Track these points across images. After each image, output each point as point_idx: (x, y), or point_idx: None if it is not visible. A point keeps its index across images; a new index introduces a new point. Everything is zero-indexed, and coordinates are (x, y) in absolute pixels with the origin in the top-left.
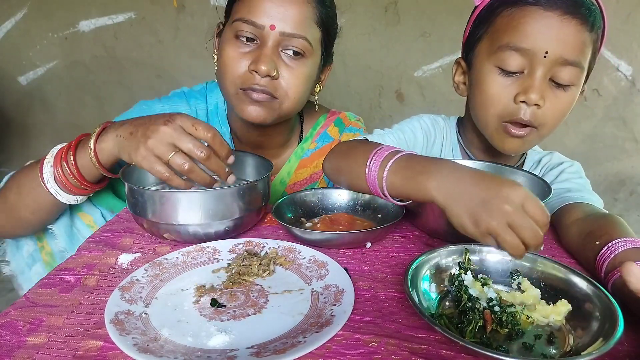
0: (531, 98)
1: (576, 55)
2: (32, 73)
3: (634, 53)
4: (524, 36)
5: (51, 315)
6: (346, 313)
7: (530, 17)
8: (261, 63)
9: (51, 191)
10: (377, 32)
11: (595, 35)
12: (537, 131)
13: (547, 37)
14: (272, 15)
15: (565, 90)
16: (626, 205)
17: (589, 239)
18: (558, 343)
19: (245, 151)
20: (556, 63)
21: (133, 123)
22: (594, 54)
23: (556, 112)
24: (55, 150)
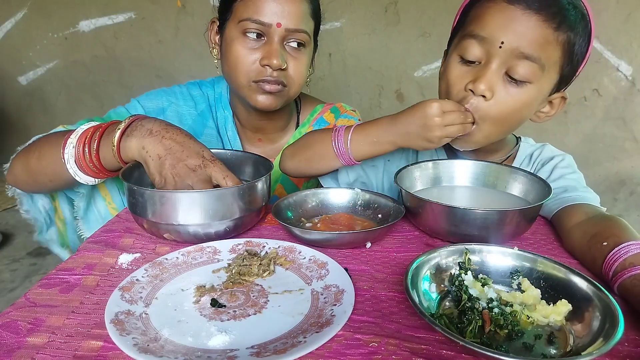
0: (478, 87)
1: (534, 50)
2: (32, 73)
3: (634, 53)
4: (484, 24)
5: (51, 315)
6: (346, 313)
7: (493, 8)
8: (273, 58)
9: (70, 171)
10: (377, 32)
11: (566, 36)
12: (478, 127)
13: (505, 28)
14: (277, 14)
15: (519, 86)
16: (626, 205)
17: (595, 240)
18: (558, 343)
19: (245, 151)
20: (512, 55)
21: (164, 143)
22: (570, 55)
23: (504, 108)
24: (80, 131)
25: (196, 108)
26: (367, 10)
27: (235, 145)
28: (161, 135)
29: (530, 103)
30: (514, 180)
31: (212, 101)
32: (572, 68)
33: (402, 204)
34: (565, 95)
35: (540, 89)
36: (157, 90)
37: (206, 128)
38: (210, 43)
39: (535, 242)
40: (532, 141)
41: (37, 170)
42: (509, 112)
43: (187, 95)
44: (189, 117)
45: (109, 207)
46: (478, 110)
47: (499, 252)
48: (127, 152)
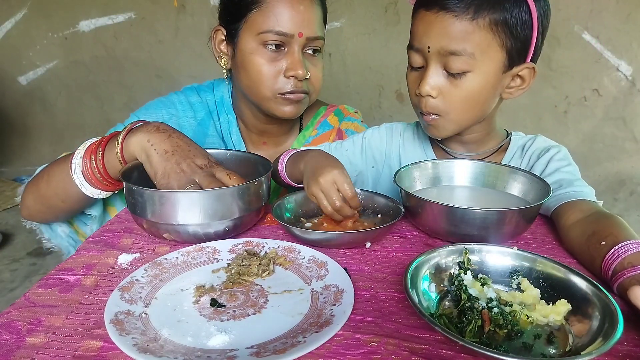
0: (422, 90)
1: (456, 45)
2: (32, 73)
3: (634, 53)
4: (414, 35)
5: (51, 315)
6: (346, 313)
7: (417, 19)
8: (299, 69)
9: (76, 182)
10: (377, 32)
11: (487, 20)
12: (442, 118)
13: (427, 33)
14: (297, 24)
15: (460, 78)
16: (626, 205)
17: (594, 239)
18: (558, 343)
19: (245, 152)
20: (440, 55)
21: (172, 141)
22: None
23: (455, 99)
24: (89, 142)
25: (195, 117)
26: (367, 10)
27: (240, 149)
28: (168, 133)
29: (481, 87)
30: (514, 180)
31: (212, 107)
32: (520, 39)
33: (401, 204)
34: (530, 66)
35: (485, 72)
36: (155, 101)
37: (207, 137)
38: (215, 52)
39: (535, 241)
40: (523, 134)
41: (48, 194)
42: (463, 101)
43: (185, 104)
44: (189, 129)
45: None
46: (434, 108)
47: (499, 251)
48: (130, 147)
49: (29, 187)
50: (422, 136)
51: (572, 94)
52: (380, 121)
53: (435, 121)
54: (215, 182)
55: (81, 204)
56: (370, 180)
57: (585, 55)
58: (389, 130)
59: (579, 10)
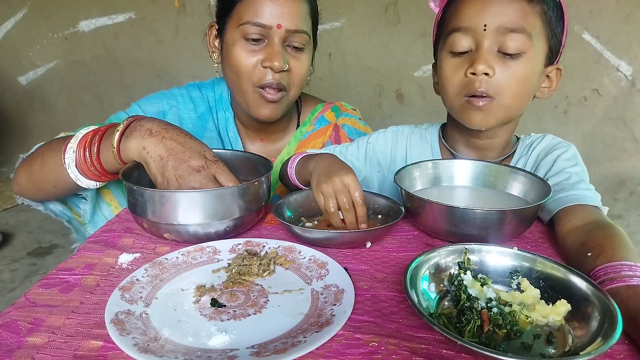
0: (478, 68)
1: (516, 22)
2: (32, 73)
3: (634, 53)
4: (463, 16)
5: (51, 315)
6: (346, 313)
7: (463, 1)
8: (275, 60)
9: (71, 176)
10: (377, 32)
11: (539, 7)
12: (495, 101)
13: (483, 12)
14: (276, 15)
15: (516, 59)
16: (626, 205)
17: (583, 249)
18: (557, 343)
19: (245, 151)
20: (498, 33)
21: (165, 144)
22: (549, 27)
23: (510, 80)
24: (80, 135)
25: (196, 111)
26: (367, 10)
27: (236, 146)
28: (161, 135)
29: (532, 74)
30: (514, 180)
31: (212, 103)
32: (556, 39)
33: (401, 204)
34: (559, 67)
35: (536, 58)
36: (157, 93)
37: (206, 131)
38: (209, 47)
39: (535, 242)
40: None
41: (40, 178)
42: (517, 84)
43: (187, 98)
44: (189, 121)
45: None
46: (489, 87)
47: (498, 252)
48: (127, 153)
49: (23, 165)
50: (430, 140)
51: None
52: (380, 121)
53: (487, 105)
54: (215, 184)
55: (73, 190)
56: (375, 184)
57: (585, 55)
58: (395, 134)
59: (579, 10)
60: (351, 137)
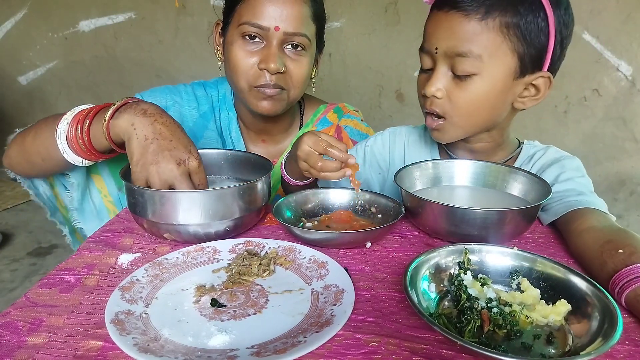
0: (428, 91)
1: (463, 46)
2: (32, 73)
3: (634, 53)
4: (425, 36)
5: (51, 315)
6: (346, 313)
7: (428, 20)
8: (270, 62)
9: (59, 147)
10: (377, 32)
11: (498, 21)
12: (447, 121)
13: (436, 34)
14: (275, 17)
15: (467, 80)
16: (626, 205)
17: (609, 246)
18: (557, 343)
19: (245, 151)
20: (448, 56)
21: (155, 127)
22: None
23: (460, 101)
24: (77, 109)
25: (198, 110)
26: (367, 10)
27: (238, 147)
28: (154, 118)
29: (487, 91)
30: (514, 180)
31: (215, 102)
32: (534, 46)
33: (401, 204)
34: (546, 75)
35: (493, 76)
36: (162, 87)
37: (207, 130)
38: (215, 45)
39: (535, 242)
40: (538, 143)
41: (31, 149)
42: (468, 104)
43: (191, 96)
44: (190, 119)
45: (105, 200)
46: (439, 108)
47: (499, 252)
48: (116, 129)
49: (17, 137)
50: (429, 140)
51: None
52: (380, 121)
53: (440, 125)
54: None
55: (60, 167)
56: (377, 186)
57: (585, 55)
58: (392, 135)
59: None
60: (353, 138)
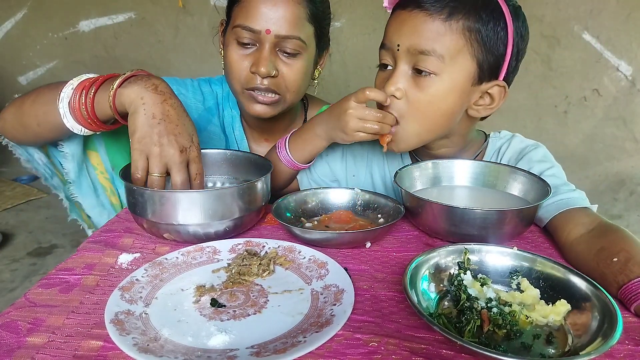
0: (388, 89)
1: (426, 44)
2: (32, 73)
3: (634, 53)
4: (386, 34)
5: (51, 315)
6: (346, 313)
7: (390, 18)
8: (261, 65)
9: (60, 112)
10: (377, 32)
11: (461, 24)
12: (401, 127)
13: (398, 31)
14: (267, 20)
15: (425, 80)
16: (626, 205)
17: (603, 255)
18: (557, 343)
19: (245, 151)
20: (410, 54)
21: (164, 107)
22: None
23: (419, 103)
24: (84, 77)
25: (204, 103)
26: (367, 10)
27: (242, 145)
28: (164, 97)
29: (446, 94)
30: (514, 180)
31: (219, 99)
32: (493, 54)
33: (401, 204)
34: (502, 84)
35: (453, 79)
36: (169, 78)
37: (210, 125)
38: (220, 44)
39: (534, 242)
40: (505, 134)
41: (28, 112)
42: (424, 106)
43: (197, 89)
44: (195, 111)
45: (101, 177)
46: (395, 110)
47: (498, 252)
48: (122, 98)
49: (16, 100)
50: None
51: (572, 94)
52: None
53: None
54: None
55: (55, 134)
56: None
57: (585, 55)
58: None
59: (579, 10)
60: None
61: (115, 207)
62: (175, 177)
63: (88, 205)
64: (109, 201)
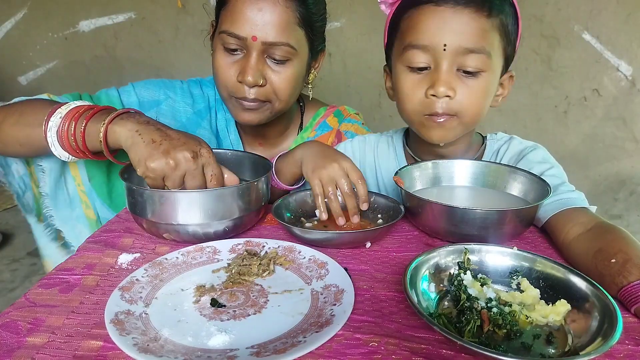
0: (439, 91)
1: (476, 42)
2: (32, 73)
3: (634, 53)
4: (422, 34)
5: (51, 315)
6: (346, 313)
7: (424, 15)
8: (247, 74)
9: (48, 139)
10: (377, 32)
11: (498, 19)
12: (456, 117)
13: (443, 31)
14: (252, 26)
15: (476, 77)
16: (626, 205)
17: (601, 256)
18: (557, 343)
19: (245, 151)
20: (457, 53)
21: (160, 131)
22: (506, 36)
23: (470, 99)
24: (73, 105)
25: (193, 106)
26: (367, 10)
27: (237, 148)
28: (158, 126)
29: (491, 88)
30: (514, 180)
31: (212, 102)
32: (512, 47)
33: (401, 204)
34: (512, 74)
35: (494, 74)
36: (158, 80)
37: (200, 128)
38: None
39: (534, 242)
40: (502, 136)
41: (10, 132)
42: (478, 101)
43: (186, 92)
44: (184, 115)
45: (78, 189)
46: (451, 109)
47: (498, 251)
48: (115, 135)
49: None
50: (396, 147)
51: (572, 94)
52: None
53: (447, 121)
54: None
55: (37, 153)
56: None
57: (585, 55)
58: (362, 143)
59: (579, 10)
60: None
61: (90, 221)
62: (189, 183)
63: (61, 219)
64: (84, 215)
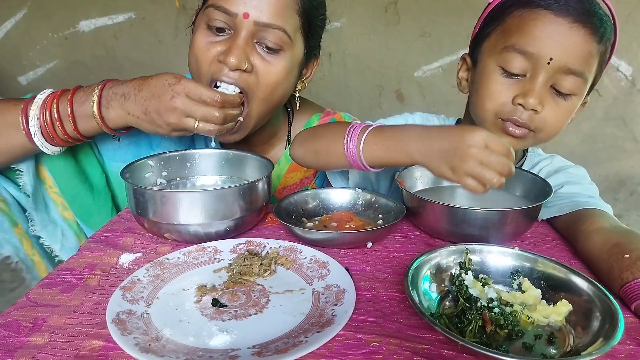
0: (529, 102)
1: (580, 65)
2: (32, 73)
3: (634, 53)
4: (531, 39)
5: (53, 315)
6: (347, 313)
7: (539, 21)
8: (231, 54)
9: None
10: (377, 32)
11: (604, 47)
12: (534, 134)
13: (554, 44)
14: (246, 2)
15: (566, 99)
16: (626, 205)
17: (617, 250)
18: (558, 343)
19: (245, 151)
20: (559, 71)
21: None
22: (600, 65)
23: (554, 119)
24: (40, 100)
25: None
26: (367, 10)
27: None
28: (133, 94)
29: (573, 113)
30: (515, 180)
31: None
32: (600, 74)
33: (403, 204)
34: (587, 100)
35: (581, 99)
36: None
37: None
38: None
39: (536, 242)
40: (542, 152)
41: None
42: (559, 123)
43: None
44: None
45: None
46: (532, 122)
47: (500, 252)
48: (113, 120)
49: None
50: None
51: None
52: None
53: (522, 134)
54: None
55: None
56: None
57: None
58: (425, 120)
59: None
60: None
61: (69, 222)
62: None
63: (40, 222)
64: (61, 217)
